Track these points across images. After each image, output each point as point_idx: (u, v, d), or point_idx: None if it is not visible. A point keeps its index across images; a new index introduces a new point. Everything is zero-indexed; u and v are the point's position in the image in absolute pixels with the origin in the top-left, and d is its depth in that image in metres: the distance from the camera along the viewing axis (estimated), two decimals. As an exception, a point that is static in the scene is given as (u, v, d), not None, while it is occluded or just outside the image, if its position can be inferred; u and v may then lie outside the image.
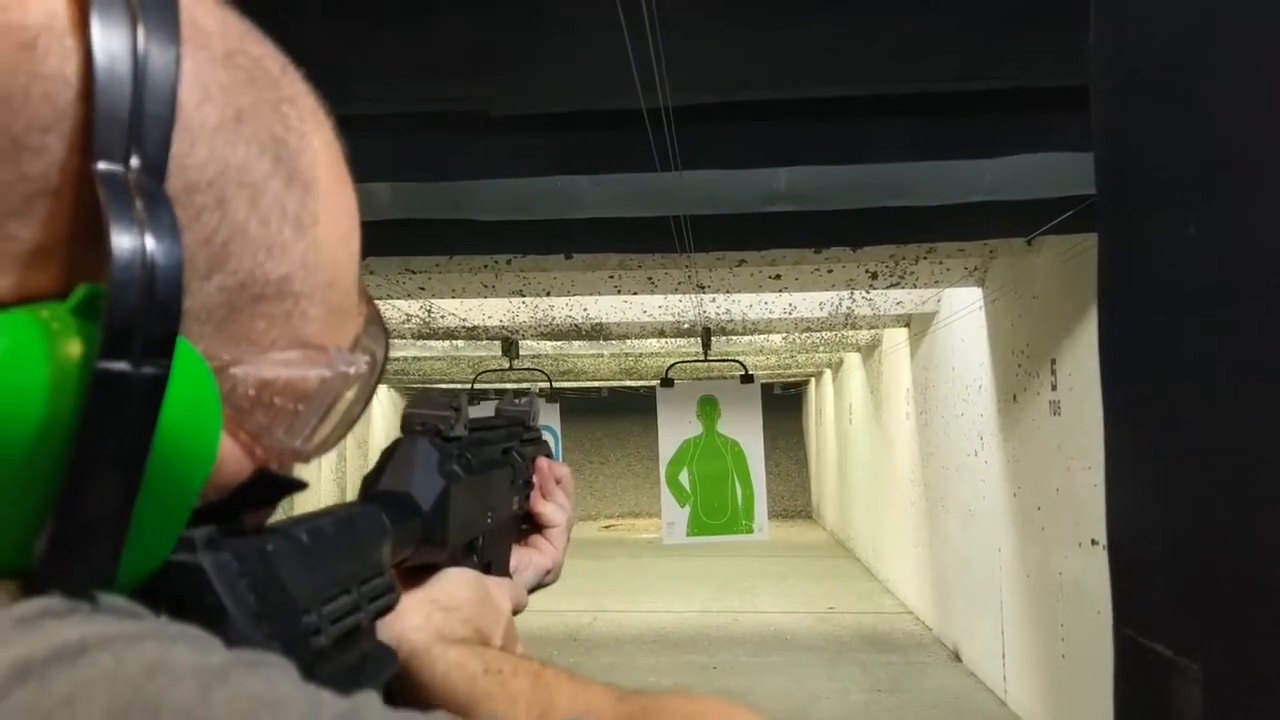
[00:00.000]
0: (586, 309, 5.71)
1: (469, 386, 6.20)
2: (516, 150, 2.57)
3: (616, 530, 13.10)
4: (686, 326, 6.05)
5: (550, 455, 0.83)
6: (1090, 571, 3.73)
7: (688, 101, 2.20)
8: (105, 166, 0.31)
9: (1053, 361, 4.12)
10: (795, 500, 14.05)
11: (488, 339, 6.49)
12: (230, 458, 0.38)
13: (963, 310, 5.45)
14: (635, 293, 5.05)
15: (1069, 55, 1.74)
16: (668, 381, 5.85)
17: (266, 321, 0.38)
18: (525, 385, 7.59)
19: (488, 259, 4.16)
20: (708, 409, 5.91)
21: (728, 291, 5.09)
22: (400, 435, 0.63)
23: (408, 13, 1.87)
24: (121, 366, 0.30)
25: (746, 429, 5.90)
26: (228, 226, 0.36)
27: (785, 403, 13.84)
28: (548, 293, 4.99)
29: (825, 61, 2.07)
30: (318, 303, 0.40)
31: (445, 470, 0.61)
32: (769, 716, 0.45)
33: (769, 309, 5.79)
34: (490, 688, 0.53)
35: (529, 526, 0.80)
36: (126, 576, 0.33)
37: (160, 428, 0.32)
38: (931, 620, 6.61)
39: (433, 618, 0.57)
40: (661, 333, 6.33)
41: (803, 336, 7.38)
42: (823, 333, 7.08)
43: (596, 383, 11.47)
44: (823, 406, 12.12)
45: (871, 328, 7.17)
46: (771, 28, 1.95)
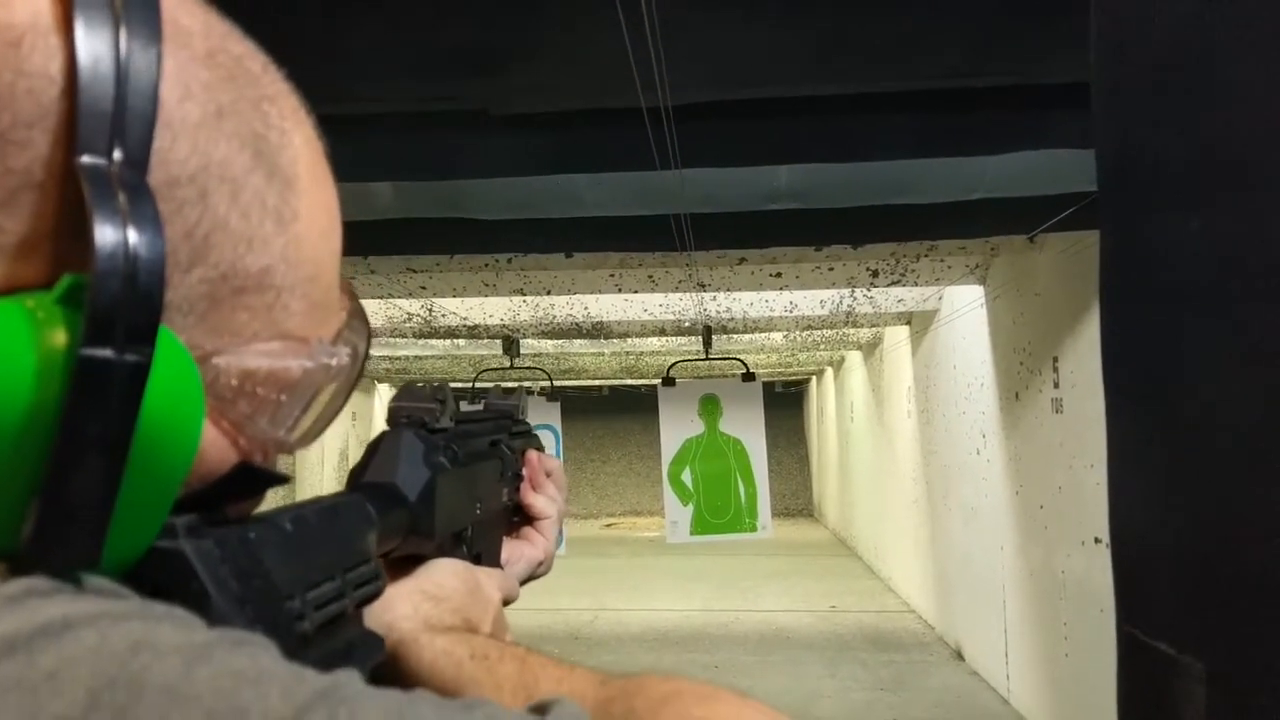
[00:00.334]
0: (587, 307, 5.71)
1: (470, 385, 6.21)
2: (517, 149, 2.56)
3: (618, 529, 13.10)
4: (687, 325, 6.05)
5: (540, 448, 0.84)
6: (1093, 570, 3.73)
7: (688, 100, 2.20)
8: (88, 160, 0.32)
9: (1055, 359, 4.12)
10: (797, 499, 14.04)
11: (489, 338, 6.50)
12: (214, 447, 0.38)
13: (964, 308, 5.45)
14: (636, 291, 5.05)
15: (1070, 52, 1.74)
16: (669, 380, 5.84)
17: (248, 313, 0.38)
18: (527, 384, 7.58)
19: (488, 258, 4.16)
20: (709, 408, 5.90)
21: (728, 290, 5.08)
22: (386, 428, 0.63)
23: (408, 12, 1.87)
24: (105, 354, 0.31)
25: (748, 427, 5.89)
26: (209, 220, 0.36)
27: (787, 401, 13.83)
28: (548, 291, 4.99)
29: (825, 59, 2.06)
30: (299, 296, 0.40)
31: (431, 461, 0.61)
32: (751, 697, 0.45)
33: (770, 307, 5.79)
34: (477, 673, 0.54)
35: (520, 519, 0.81)
36: (111, 562, 0.34)
37: (143, 414, 0.32)
38: (934, 619, 6.61)
39: (421, 607, 0.58)
40: (662, 331, 6.33)
41: (804, 335, 7.38)
42: (824, 331, 7.08)
43: (598, 381, 11.47)
44: (824, 405, 12.12)
45: (873, 326, 7.17)
46: (771, 25, 1.94)
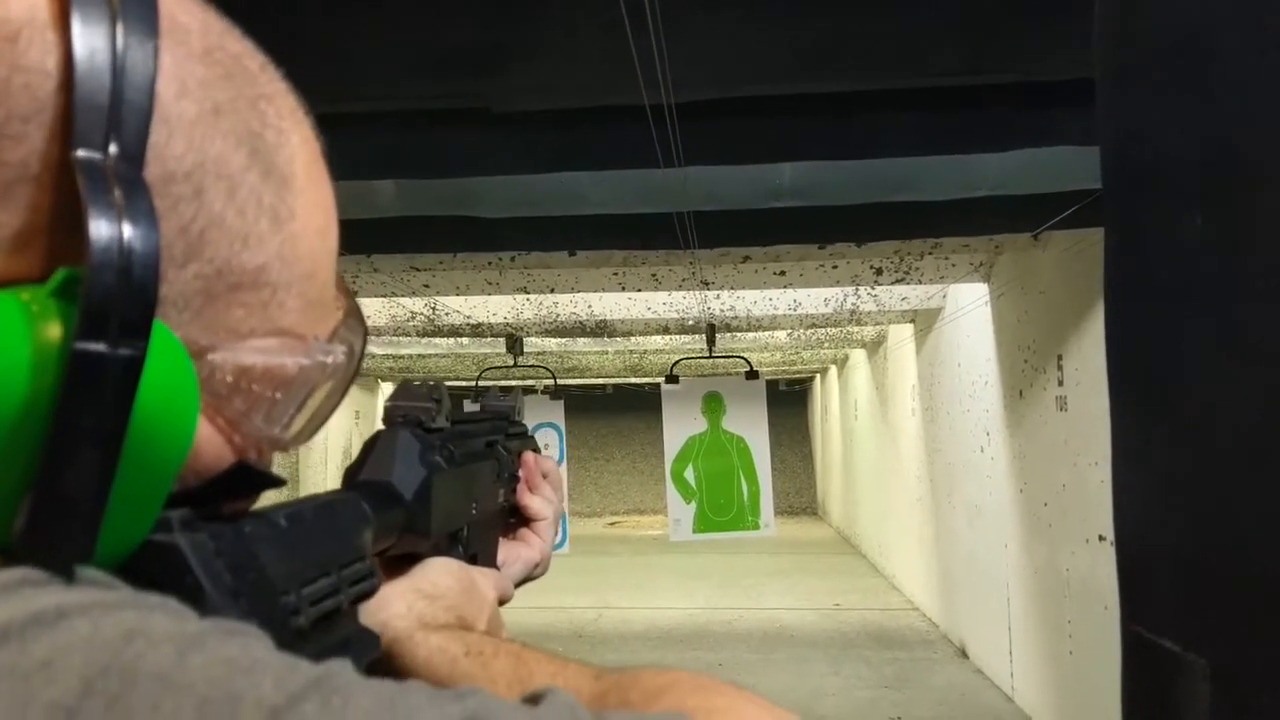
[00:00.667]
0: (591, 306, 5.71)
1: (474, 383, 6.21)
2: (520, 147, 2.56)
3: (621, 527, 13.11)
4: (691, 323, 6.05)
5: (537, 450, 0.84)
6: (1097, 568, 3.72)
7: (690, 97, 2.20)
8: (84, 154, 0.32)
9: (1059, 357, 4.11)
10: (801, 497, 14.04)
11: (492, 336, 6.50)
12: (209, 443, 0.39)
13: (968, 306, 5.44)
14: (639, 289, 5.05)
15: (1074, 48, 1.73)
16: (672, 378, 5.84)
17: (244, 310, 0.38)
18: (530, 383, 7.59)
19: (492, 256, 4.16)
20: (713, 406, 5.90)
21: (732, 288, 5.08)
22: (381, 427, 0.64)
23: (410, 10, 1.87)
24: (99, 347, 0.31)
25: (752, 425, 5.89)
26: (205, 216, 0.36)
27: (790, 399, 13.83)
28: (552, 290, 4.99)
29: (828, 56, 2.06)
30: (295, 294, 0.41)
31: (427, 460, 0.61)
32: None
33: (773, 305, 5.78)
34: (471, 669, 0.54)
35: (516, 520, 0.81)
36: (105, 555, 0.34)
37: (137, 408, 0.32)
38: (938, 617, 6.60)
39: (416, 605, 0.58)
40: (666, 329, 6.33)
41: (808, 333, 7.37)
42: (828, 329, 7.07)
43: (601, 380, 11.47)
44: (828, 403, 12.11)
45: (877, 324, 7.16)
46: (774, 22, 1.94)
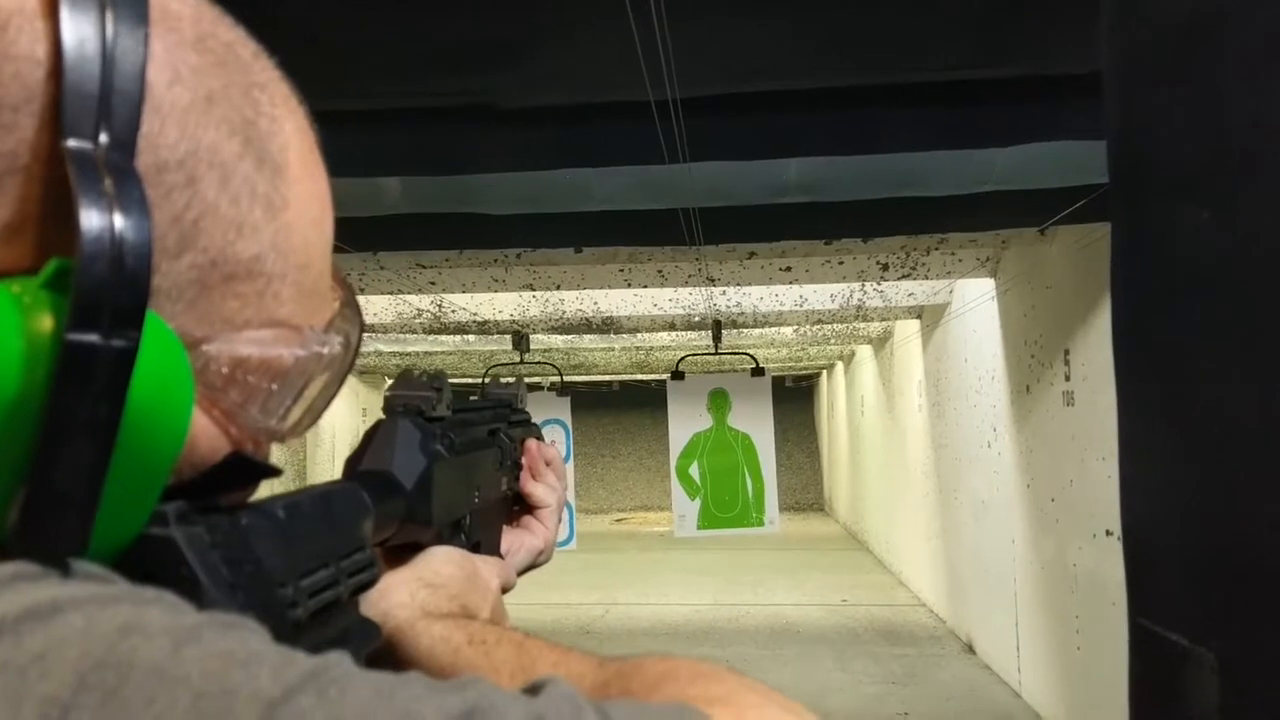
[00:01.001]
0: (596, 302, 5.71)
1: (480, 380, 6.22)
2: (525, 144, 2.56)
3: (628, 524, 13.11)
4: (697, 319, 6.05)
5: (540, 437, 0.83)
6: (1104, 563, 3.72)
7: (696, 93, 2.19)
8: (75, 144, 0.32)
9: (1066, 352, 4.10)
10: (807, 493, 14.03)
11: (498, 333, 6.51)
12: (205, 435, 0.38)
13: (975, 301, 5.43)
14: (645, 286, 5.04)
15: (1081, 42, 1.72)
16: (678, 374, 5.84)
17: (239, 301, 0.38)
18: (536, 379, 7.59)
19: (497, 253, 4.16)
20: (718, 402, 5.90)
21: (738, 284, 5.08)
22: (382, 416, 0.63)
23: (415, 7, 1.87)
24: (91, 338, 0.31)
25: (757, 422, 5.89)
26: (198, 205, 0.36)
27: (797, 395, 13.81)
28: (558, 286, 4.99)
29: (834, 51, 2.06)
30: (290, 284, 0.40)
31: (428, 449, 0.61)
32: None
33: (779, 301, 5.78)
34: (474, 658, 0.53)
35: (520, 508, 0.81)
36: (100, 548, 0.33)
37: (131, 399, 0.32)
38: (945, 612, 6.59)
39: (418, 594, 0.58)
40: (672, 326, 6.32)
41: (814, 329, 7.36)
42: (834, 325, 7.06)
43: (607, 376, 11.48)
44: (834, 399, 12.10)
45: (883, 319, 7.15)
46: (778, 17, 1.94)
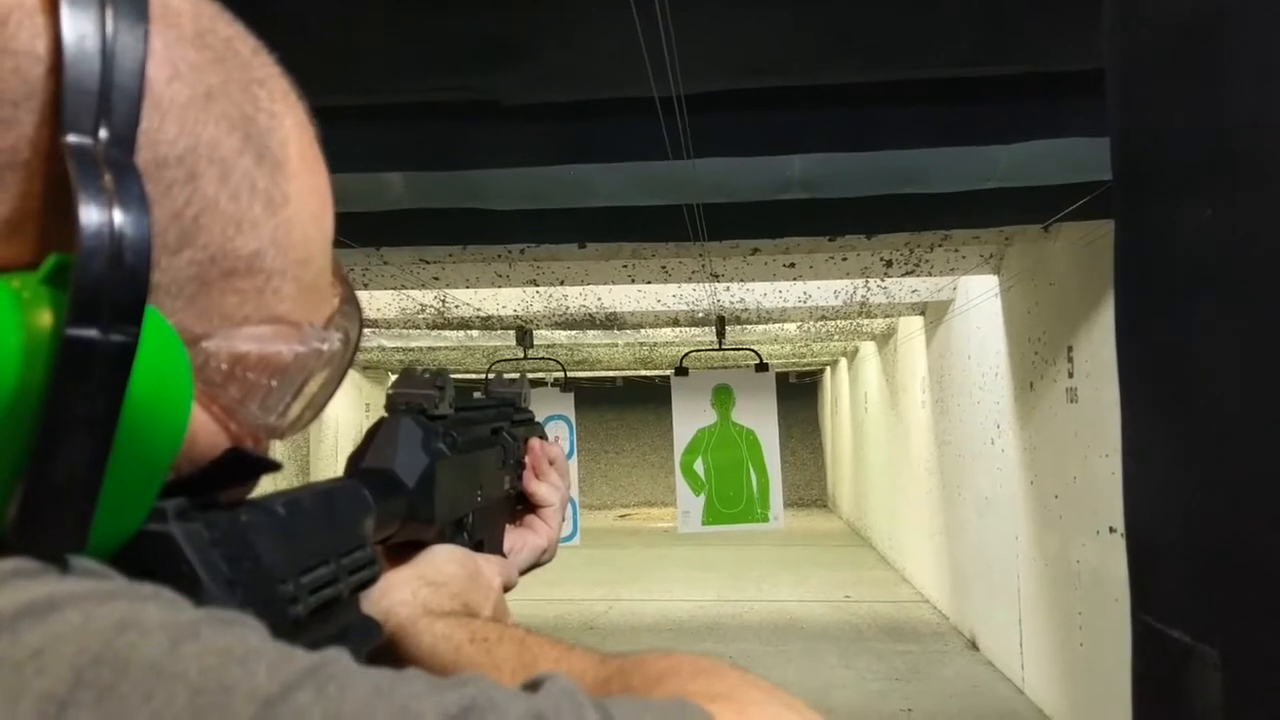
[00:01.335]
0: (600, 298, 5.71)
1: (484, 376, 6.22)
2: (529, 139, 2.56)
3: (632, 520, 13.13)
4: (701, 315, 6.04)
5: (543, 436, 0.83)
6: (1108, 560, 3.71)
7: (700, 89, 2.19)
8: (74, 139, 0.32)
9: (1069, 349, 4.10)
10: (811, 489, 14.03)
11: (502, 329, 6.50)
12: (204, 431, 0.38)
13: (978, 298, 5.42)
14: (649, 282, 5.04)
15: (1084, 39, 1.72)
16: (682, 370, 5.84)
17: (238, 297, 0.38)
18: (540, 375, 7.59)
19: (501, 248, 4.16)
20: (722, 398, 5.90)
21: (742, 280, 5.07)
22: (385, 414, 0.63)
23: (419, 3, 1.87)
24: (90, 333, 0.30)
25: (761, 418, 5.89)
26: (198, 201, 0.36)
27: (800, 391, 13.81)
28: (561, 282, 4.99)
29: (838, 47, 2.05)
30: (290, 280, 0.40)
31: (430, 448, 0.61)
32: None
33: (783, 298, 5.78)
34: (476, 656, 0.54)
35: (523, 507, 0.81)
36: (99, 545, 0.33)
37: (130, 395, 0.32)
38: (948, 609, 6.59)
39: (420, 592, 0.58)
40: (676, 322, 6.32)
41: (817, 325, 7.36)
42: (837, 321, 7.06)
43: (611, 372, 11.48)
44: (838, 395, 12.09)
45: (886, 316, 7.14)
46: (783, 14, 1.93)
